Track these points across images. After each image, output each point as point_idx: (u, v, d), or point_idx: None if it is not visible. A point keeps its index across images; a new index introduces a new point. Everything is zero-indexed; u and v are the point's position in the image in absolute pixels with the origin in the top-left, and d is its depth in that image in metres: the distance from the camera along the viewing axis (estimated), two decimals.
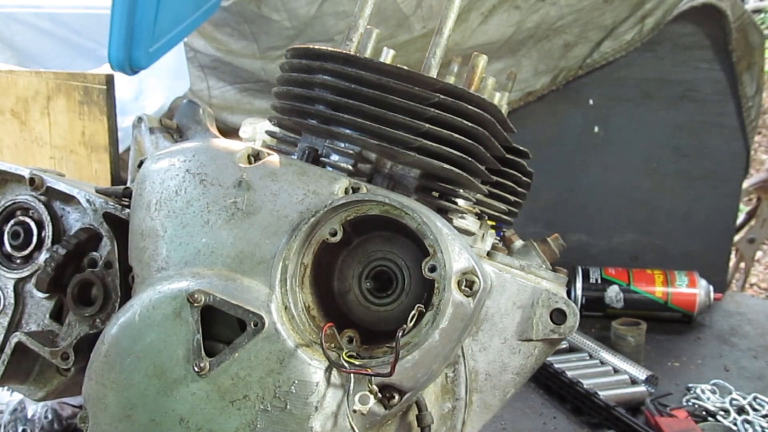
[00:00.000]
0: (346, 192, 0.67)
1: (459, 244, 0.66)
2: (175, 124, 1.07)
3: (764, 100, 2.90)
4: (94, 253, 0.81)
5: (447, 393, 0.74)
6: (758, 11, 5.22)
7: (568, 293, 1.60)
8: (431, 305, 0.65)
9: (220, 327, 0.69)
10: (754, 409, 1.74)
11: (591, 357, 1.94)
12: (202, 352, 0.68)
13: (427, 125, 0.70)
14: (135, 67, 1.46)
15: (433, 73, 0.77)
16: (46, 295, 0.81)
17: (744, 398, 1.76)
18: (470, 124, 0.72)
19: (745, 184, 2.64)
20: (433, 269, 0.64)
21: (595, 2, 2.15)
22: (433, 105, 0.71)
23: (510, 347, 0.73)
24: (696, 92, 2.35)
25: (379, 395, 0.66)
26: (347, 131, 0.71)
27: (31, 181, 0.82)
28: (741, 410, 1.74)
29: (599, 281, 2.21)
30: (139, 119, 1.05)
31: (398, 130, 0.70)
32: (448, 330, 0.65)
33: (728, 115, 2.35)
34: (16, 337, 0.80)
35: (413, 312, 0.63)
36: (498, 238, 0.85)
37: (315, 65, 0.74)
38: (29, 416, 1.54)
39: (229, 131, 2.02)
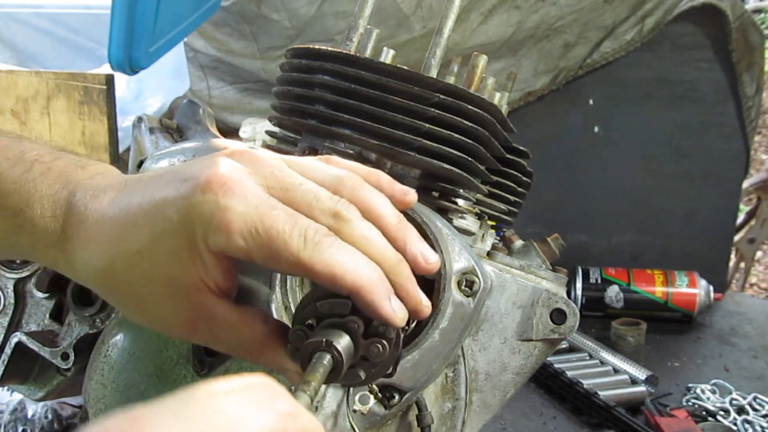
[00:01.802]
0: None
1: (459, 244, 0.66)
2: (175, 124, 1.07)
3: (764, 100, 2.91)
4: None
5: (447, 393, 0.74)
6: (758, 11, 5.23)
7: (568, 293, 1.60)
8: (431, 305, 0.65)
9: None
10: (754, 409, 1.74)
11: (591, 357, 1.94)
12: (202, 352, 0.68)
13: (428, 125, 0.70)
14: (135, 67, 1.46)
15: (433, 73, 0.77)
16: (46, 295, 0.82)
17: (744, 398, 1.76)
18: (470, 124, 0.72)
19: (745, 184, 2.64)
20: None
21: (595, 2, 2.15)
22: (433, 105, 0.71)
23: (510, 347, 0.73)
24: (696, 92, 2.35)
25: (379, 395, 0.66)
26: (347, 131, 0.71)
27: None
28: (741, 410, 1.74)
29: (599, 281, 2.21)
30: (139, 119, 1.05)
31: (398, 130, 0.70)
32: (448, 330, 0.65)
33: (728, 115, 2.35)
34: (16, 337, 0.80)
35: None
36: (498, 238, 0.85)
37: (315, 65, 0.74)
38: (29, 416, 1.54)
39: (229, 131, 2.03)
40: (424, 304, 0.56)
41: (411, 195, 0.60)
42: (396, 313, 0.52)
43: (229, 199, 0.50)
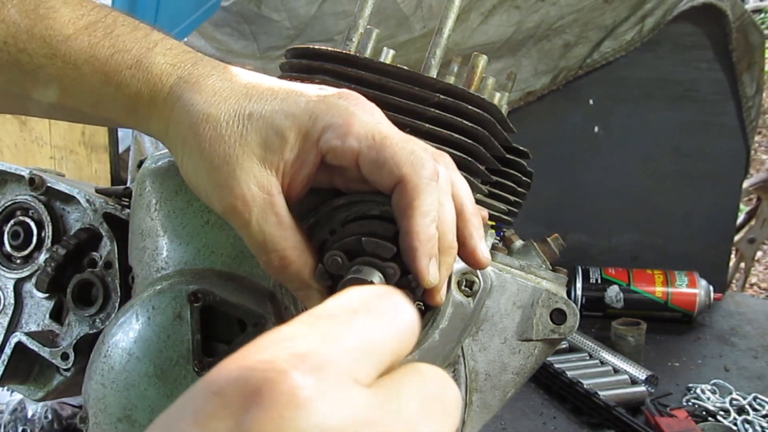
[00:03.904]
0: None
1: None
2: None
3: (764, 100, 2.91)
4: (94, 253, 0.81)
5: None
6: (758, 11, 5.23)
7: (568, 293, 1.60)
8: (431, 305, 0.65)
9: (220, 327, 0.69)
10: (754, 409, 1.74)
11: (591, 357, 1.94)
12: (202, 352, 0.68)
13: (428, 125, 0.70)
14: None
15: (433, 73, 0.77)
16: (46, 295, 0.81)
17: (744, 398, 1.76)
18: (470, 124, 0.72)
19: (745, 184, 2.64)
20: None
21: (595, 2, 2.15)
22: (433, 105, 0.71)
23: (510, 347, 0.73)
24: (696, 92, 2.35)
25: None
26: None
27: (31, 181, 0.82)
28: (741, 410, 1.74)
29: (599, 281, 2.21)
30: None
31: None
32: (448, 330, 0.65)
33: (728, 115, 2.35)
34: (16, 337, 0.80)
35: None
36: (498, 238, 0.85)
37: (315, 65, 0.74)
38: (29, 416, 1.54)
39: None
40: (442, 293, 0.58)
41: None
42: (429, 273, 0.54)
43: (359, 110, 0.56)
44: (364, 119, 0.55)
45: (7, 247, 0.84)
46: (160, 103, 0.59)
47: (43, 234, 0.83)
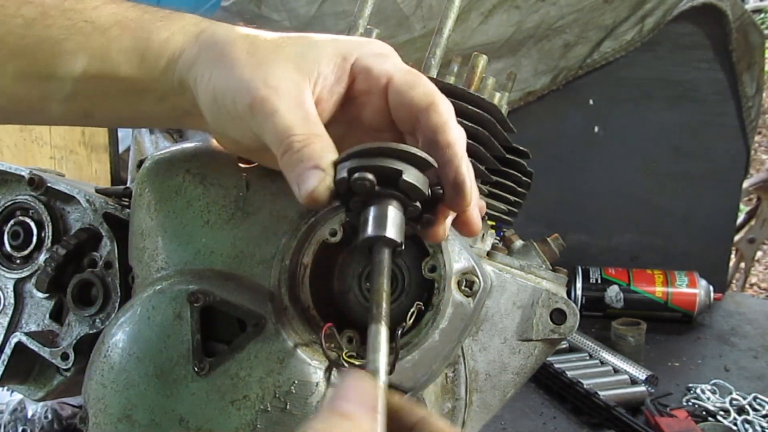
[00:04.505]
0: None
1: (459, 244, 0.66)
2: None
3: (764, 100, 2.91)
4: (94, 253, 0.81)
5: (447, 393, 0.74)
6: (758, 11, 5.23)
7: (568, 293, 1.60)
8: (431, 305, 0.65)
9: (220, 327, 0.69)
10: (754, 409, 1.74)
11: (591, 357, 1.94)
12: (202, 351, 0.68)
13: None
14: None
15: (433, 73, 0.77)
16: (46, 295, 0.82)
17: (744, 398, 1.76)
18: (470, 124, 0.72)
19: (745, 184, 2.64)
20: (432, 269, 0.65)
21: (595, 2, 2.15)
22: None
23: (510, 347, 0.73)
24: (696, 92, 2.35)
25: None
26: None
27: (31, 181, 0.82)
28: (741, 410, 1.74)
29: (599, 281, 2.21)
30: None
31: None
32: (448, 330, 0.65)
33: (728, 115, 2.35)
34: (16, 337, 0.80)
35: (412, 309, 0.63)
36: (498, 238, 0.85)
37: None
38: (29, 416, 1.54)
39: None
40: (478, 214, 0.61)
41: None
42: (470, 184, 0.57)
43: (393, 53, 0.61)
44: (397, 58, 0.60)
45: (7, 247, 0.84)
46: (192, 42, 0.60)
47: (43, 234, 0.83)
